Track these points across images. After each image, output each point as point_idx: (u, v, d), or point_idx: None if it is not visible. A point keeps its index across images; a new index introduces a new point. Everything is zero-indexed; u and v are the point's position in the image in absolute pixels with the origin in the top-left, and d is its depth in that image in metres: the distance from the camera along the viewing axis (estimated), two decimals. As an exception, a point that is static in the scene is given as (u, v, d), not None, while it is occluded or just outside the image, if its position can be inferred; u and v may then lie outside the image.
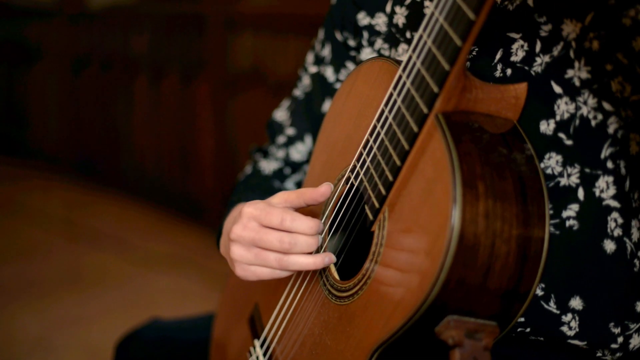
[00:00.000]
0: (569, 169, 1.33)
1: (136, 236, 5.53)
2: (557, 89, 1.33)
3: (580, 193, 1.33)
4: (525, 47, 1.35)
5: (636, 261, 1.35)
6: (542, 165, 1.33)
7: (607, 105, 1.31)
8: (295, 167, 1.81)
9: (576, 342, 1.37)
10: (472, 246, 1.11)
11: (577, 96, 1.32)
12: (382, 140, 1.26)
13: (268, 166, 1.81)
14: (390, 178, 1.23)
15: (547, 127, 1.33)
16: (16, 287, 4.65)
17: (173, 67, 5.85)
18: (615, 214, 1.33)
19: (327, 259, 1.36)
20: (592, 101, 1.31)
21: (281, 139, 1.81)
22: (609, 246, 1.33)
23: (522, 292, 1.16)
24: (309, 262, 1.36)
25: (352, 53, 1.69)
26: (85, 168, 6.85)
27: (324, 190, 1.37)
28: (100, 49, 6.59)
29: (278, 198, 1.41)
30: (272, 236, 1.35)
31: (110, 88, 6.52)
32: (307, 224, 1.35)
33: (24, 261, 5.08)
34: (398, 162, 1.22)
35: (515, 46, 1.37)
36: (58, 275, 4.84)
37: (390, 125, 1.24)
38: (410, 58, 1.21)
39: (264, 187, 1.77)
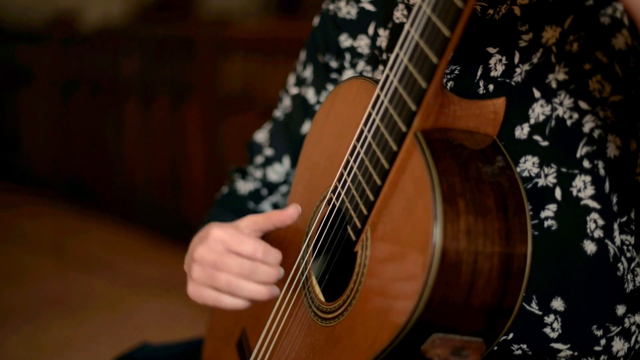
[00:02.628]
0: (546, 170, 1.33)
1: (126, 260, 5.52)
2: (537, 94, 1.33)
3: (558, 193, 1.33)
4: (504, 61, 1.36)
5: (620, 265, 1.34)
6: (518, 169, 1.33)
7: (583, 105, 1.32)
8: (272, 187, 1.81)
9: (559, 345, 1.36)
10: (455, 264, 1.11)
11: (553, 98, 1.32)
12: (362, 159, 1.26)
13: (244, 187, 1.81)
14: (372, 198, 1.23)
15: (521, 131, 1.34)
16: (5, 312, 4.64)
17: (163, 90, 5.86)
18: (594, 215, 1.33)
19: (274, 290, 1.35)
20: (568, 101, 1.32)
21: (259, 159, 1.81)
22: (590, 247, 1.33)
23: (506, 307, 1.16)
24: (256, 290, 1.34)
25: (334, 75, 1.70)
26: (76, 191, 6.85)
27: (291, 212, 1.37)
28: (91, 72, 6.60)
29: (246, 222, 1.40)
30: (234, 261, 1.34)
31: (100, 111, 6.52)
32: (278, 257, 1.35)
33: (12, 285, 5.07)
34: (379, 182, 1.21)
35: (492, 61, 1.37)
36: (47, 299, 4.83)
37: (370, 144, 1.24)
38: (387, 77, 1.21)
39: (237, 208, 1.77)
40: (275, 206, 1.81)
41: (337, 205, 1.35)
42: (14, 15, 7.41)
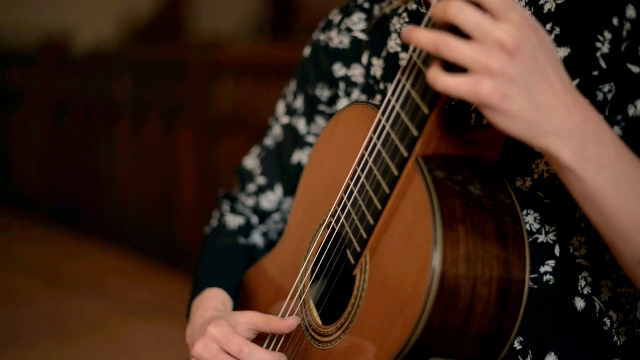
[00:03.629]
0: (547, 227, 1.35)
1: (118, 283, 5.50)
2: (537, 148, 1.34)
3: (557, 249, 1.35)
4: None
5: (606, 320, 1.36)
6: None
7: None
8: (264, 215, 1.81)
9: None
10: (453, 288, 1.12)
11: None
12: (363, 184, 1.27)
13: (234, 221, 1.80)
14: (372, 222, 1.24)
15: (522, 183, 1.34)
16: (-4, 335, 4.63)
17: (155, 112, 5.86)
18: (585, 273, 1.35)
19: None
20: None
21: (251, 187, 1.81)
22: (579, 304, 1.35)
23: (503, 333, 1.17)
24: None
25: (321, 107, 1.71)
26: (67, 214, 6.83)
27: (290, 323, 1.40)
28: (82, 95, 6.60)
29: (246, 318, 1.44)
30: None
31: (92, 133, 6.52)
32: (264, 358, 1.38)
33: (3, 308, 5.04)
34: (379, 206, 1.22)
35: None
36: (39, 323, 4.80)
37: (371, 169, 1.25)
38: (389, 102, 1.22)
39: (228, 252, 1.77)
40: (265, 235, 1.81)
41: (337, 229, 1.36)
42: (6, 37, 7.41)
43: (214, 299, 1.62)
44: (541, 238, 1.35)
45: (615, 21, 1.30)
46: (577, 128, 1.10)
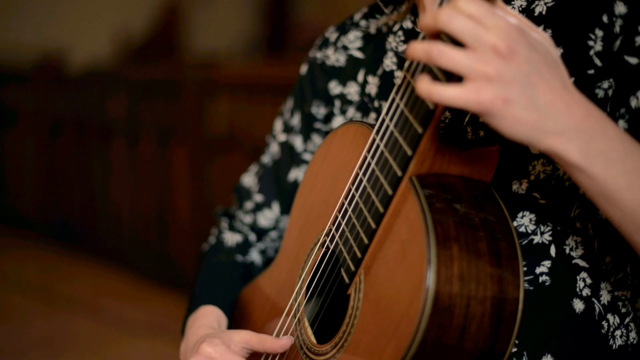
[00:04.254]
0: (542, 227, 1.34)
1: (112, 301, 5.50)
2: (535, 150, 1.34)
3: (552, 250, 1.34)
4: None
5: (604, 323, 1.36)
6: (515, 223, 1.34)
7: None
8: (262, 233, 1.81)
9: None
10: (448, 307, 1.12)
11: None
12: (357, 203, 1.27)
13: (231, 239, 1.80)
14: (366, 241, 1.24)
15: (519, 186, 1.34)
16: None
17: (150, 131, 5.86)
18: (584, 274, 1.35)
19: None
20: None
21: (249, 205, 1.81)
22: (578, 306, 1.35)
23: (498, 352, 1.17)
24: None
25: (317, 125, 1.71)
26: (62, 232, 6.83)
27: (284, 342, 1.41)
28: (78, 113, 6.61)
29: (240, 336, 1.43)
30: None
31: (87, 152, 6.53)
32: None
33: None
34: (373, 225, 1.23)
35: None
36: (33, 340, 4.80)
37: (365, 188, 1.25)
38: (383, 121, 1.23)
39: (225, 269, 1.77)
40: (263, 253, 1.82)
41: (331, 248, 1.36)
42: (1, 56, 7.42)
43: (208, 316, 1.62)
44: (537, 239, 1.35)
45: (605, 19, 1.31)
46: (580, 125, 1.11)
